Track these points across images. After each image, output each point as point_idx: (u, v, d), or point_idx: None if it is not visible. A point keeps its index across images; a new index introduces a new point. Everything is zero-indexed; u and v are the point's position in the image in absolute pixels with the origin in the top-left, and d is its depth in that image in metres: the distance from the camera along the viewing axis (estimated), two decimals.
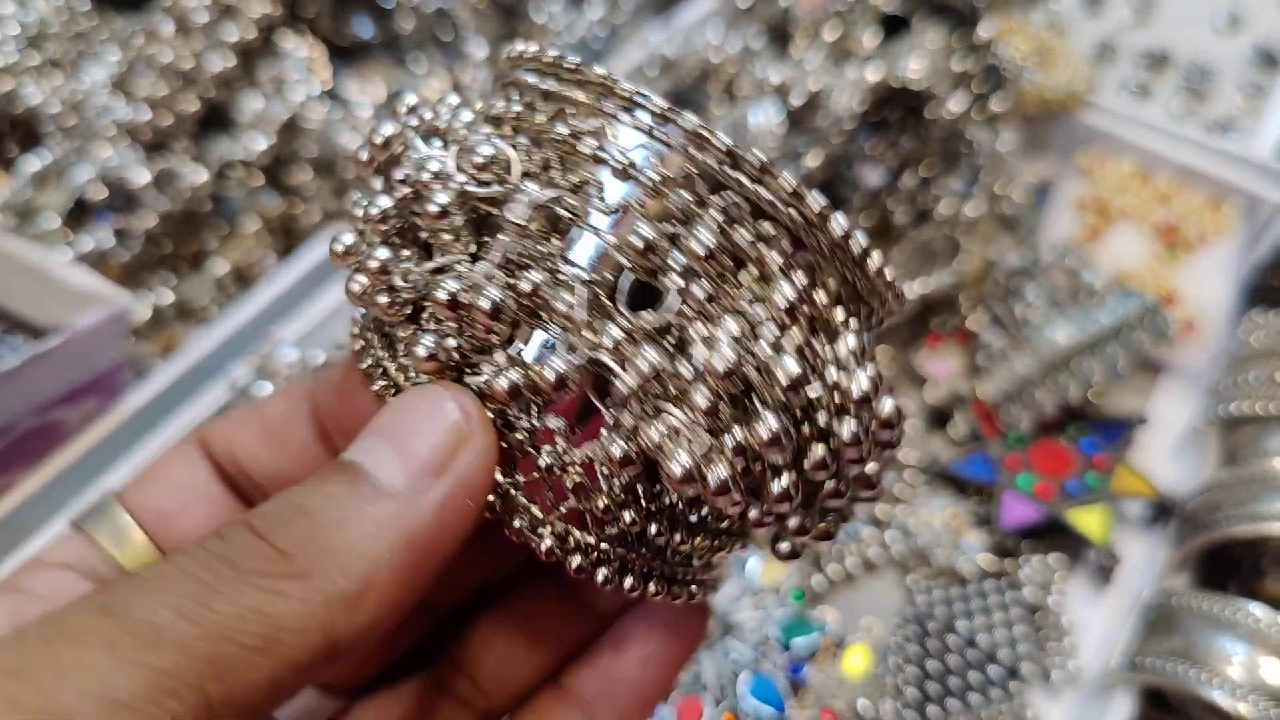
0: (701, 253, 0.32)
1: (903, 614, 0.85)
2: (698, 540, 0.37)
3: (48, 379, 0.77)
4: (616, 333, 0.32)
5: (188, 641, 0.25)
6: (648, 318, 0.32)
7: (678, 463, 0.31)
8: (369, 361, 0.37)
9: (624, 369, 0.32)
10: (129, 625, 0.25)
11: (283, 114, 0.94)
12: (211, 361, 0.88)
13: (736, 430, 0.32)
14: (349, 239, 0.36)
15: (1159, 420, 0.97)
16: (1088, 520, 0.87)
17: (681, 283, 0.32)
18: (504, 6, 1.09)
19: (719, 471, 0.31)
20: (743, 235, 0.33)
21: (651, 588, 0.37)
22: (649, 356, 0.32)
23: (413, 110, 0.38)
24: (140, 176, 0.91)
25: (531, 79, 0.37)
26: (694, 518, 0.36)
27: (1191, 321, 0.99)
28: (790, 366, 0.31)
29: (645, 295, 0.33)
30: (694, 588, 0.39)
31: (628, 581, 0.36)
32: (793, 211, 0.33)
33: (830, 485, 0.35)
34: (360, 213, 0.36)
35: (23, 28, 0.95)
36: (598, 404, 0.33)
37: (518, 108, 0.37)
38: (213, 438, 0.41)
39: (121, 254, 0.92)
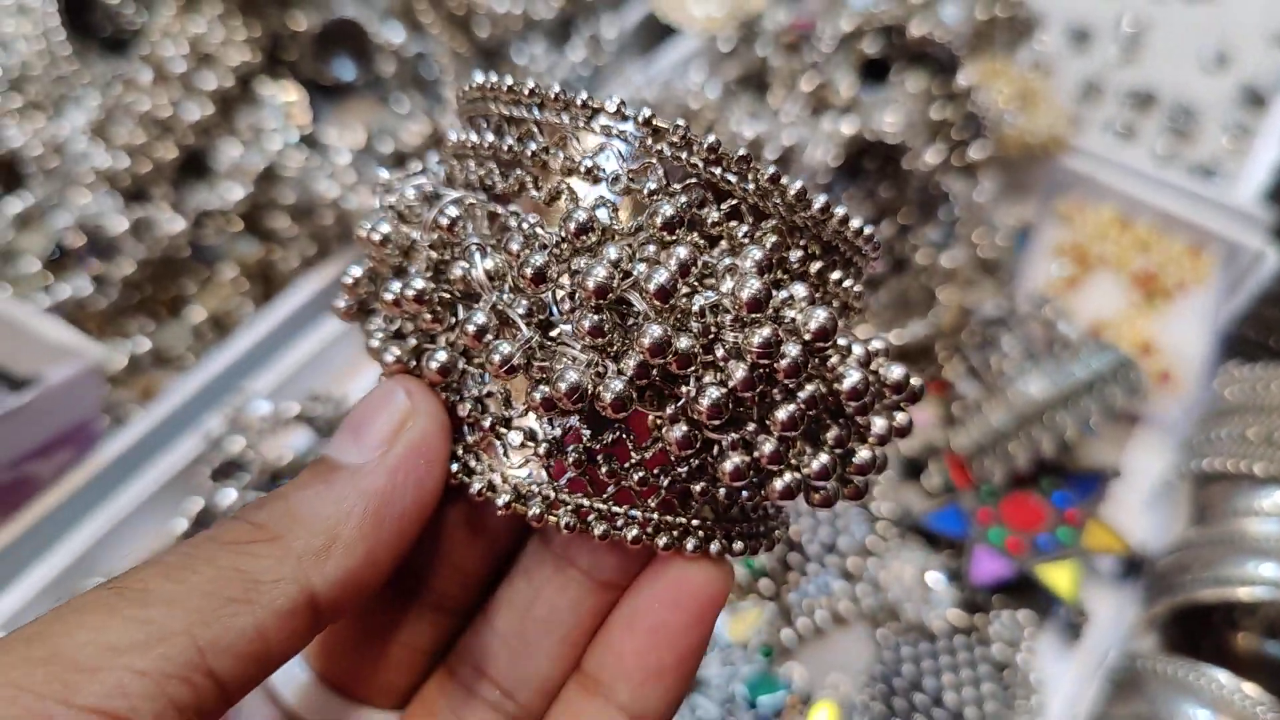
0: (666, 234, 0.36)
1: (870, 671, 0.86)
2: (700, 486, 0.38)
3: (20, 434, 0.78)
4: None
5: (174, 597, 0.30)
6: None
7: (565, 381, 0.34)
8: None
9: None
10: (125, 592, 0.30)
11: (260, 162, 0.95)
12: (186, 413, 0.88)
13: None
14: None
15: (1133, 472, 0.96)
16: (1057, 577, 0.88)
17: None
18: (485, 49, 1.09)
19: (614, 386, 0.34)
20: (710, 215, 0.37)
21: (662, 540, 0.38)
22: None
23: (388, 189, 0.42)
24: (118, 224, 0.92)
25: (494, 107, 0.40)
26: (695, 463, 0.37)
27: (1168, 372, 0.99)
28: (658, 277, 0.34)
29: None
30: (719, 542, 0.39)
31: (629, 534, 0.38)
32: (750, 184, 0.36)
33: (792, 412, 0.35)
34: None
35: (3, 70, 0.95)
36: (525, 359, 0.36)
37: (490, 137, 0.40)
38: None
39: (99, 301, 0.93)
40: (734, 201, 0.37)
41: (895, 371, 0.37)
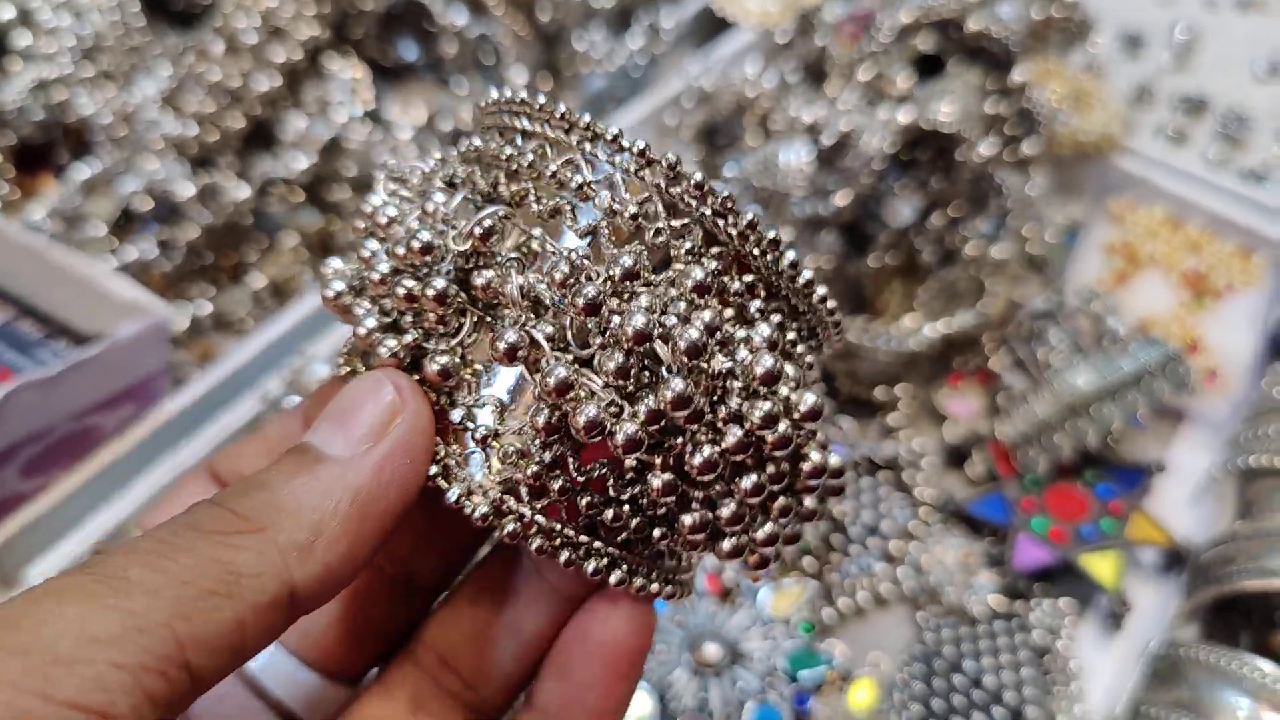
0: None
1: (910, 651, 0.86)
2: (659, 532, 0.40)
3: (87, 386, 0.80)
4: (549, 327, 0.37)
5: (155, 587, 0.29)
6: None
7: (584, 414, 0.35)
8: (347, 370, 0.42)
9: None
10: (104, 579, 0.29)
11: (325, 134, 0.97)
12: (245, 374, 0.90)
13: (650, 398, 0.36)
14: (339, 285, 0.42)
15: (1177, 468, 0.97)
16: (1100, 566, 0.88)
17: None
18: (546, 34, 1.11)
19: (627, 428, 0.35)
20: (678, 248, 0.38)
21: (615, 575, 0.40)
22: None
23: (397, 179, 0.43)
24: (185, 190, 0.94)
25: (508, 120, 0.41)
26: (662, 510, 0.39)
27: (1214, 370, 0.99)
28: (691, 334, 0.35)
29: None
30: (658, 584, 0.41)
31: (590, 565, 0.39)
32: (732, 231, 0.38)
33: (758, 479, 0.38)
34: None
35: (78, 40, 0.98)
36: (527, 375, 0.37)
37: (508, 149, 0.40)
38: (221, 463, 0.46)
39: (164, 264, 0.95)
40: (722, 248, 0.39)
41: (834, 458, 0.41)
